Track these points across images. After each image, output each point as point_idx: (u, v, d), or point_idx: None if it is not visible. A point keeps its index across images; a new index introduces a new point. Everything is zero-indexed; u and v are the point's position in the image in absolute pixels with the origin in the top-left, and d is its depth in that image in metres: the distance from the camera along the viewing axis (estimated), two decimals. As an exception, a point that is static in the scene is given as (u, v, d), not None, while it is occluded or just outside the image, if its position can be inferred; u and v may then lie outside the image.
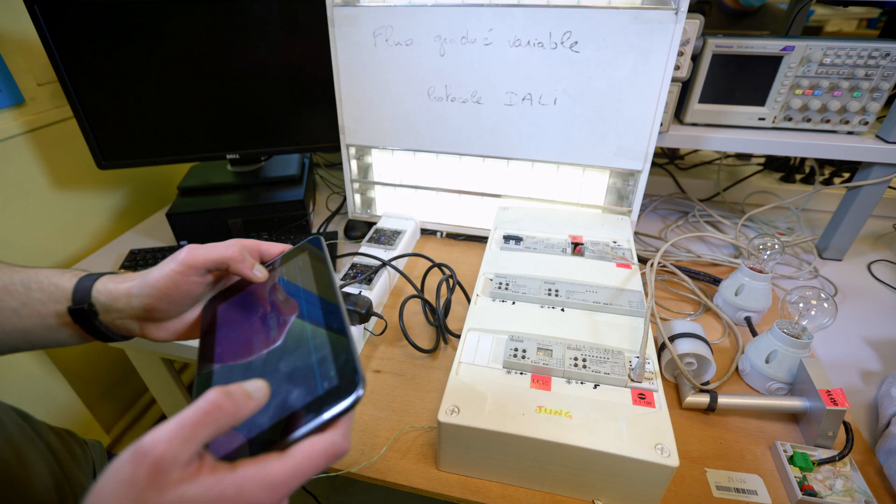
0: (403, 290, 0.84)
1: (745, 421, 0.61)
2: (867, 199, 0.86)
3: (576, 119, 0.79)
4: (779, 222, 1.05)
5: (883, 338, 0.76)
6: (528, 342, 0.56)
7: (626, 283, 0.66)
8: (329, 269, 0.40)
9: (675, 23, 0.69)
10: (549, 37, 0.75)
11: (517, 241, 0.76)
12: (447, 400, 0.50)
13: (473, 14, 0.77)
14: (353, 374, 0.29)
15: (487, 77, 0.80)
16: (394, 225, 0.95)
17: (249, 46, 0.91)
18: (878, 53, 0.76)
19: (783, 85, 0.81)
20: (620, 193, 0.85)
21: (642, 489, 0.48)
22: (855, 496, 0.51)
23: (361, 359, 0.69)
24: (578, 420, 0.48)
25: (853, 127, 0.83)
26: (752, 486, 0.54)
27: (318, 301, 0.37)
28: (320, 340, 0.33)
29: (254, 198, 1.02)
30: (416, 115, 0.87)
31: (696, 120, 0.87)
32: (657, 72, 0.73)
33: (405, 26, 0.80)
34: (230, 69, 0.93)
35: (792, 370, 0.61)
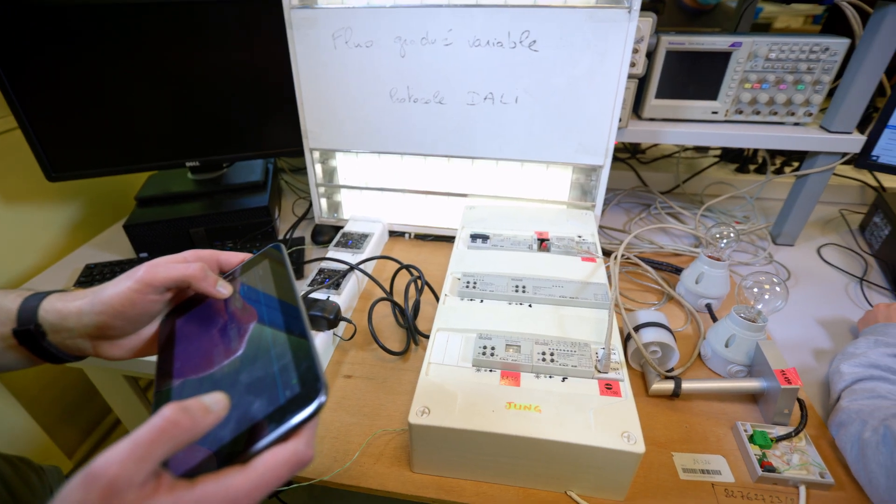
0: (373, 294, 0.83)
1: (708, 404, 0.63)
2: (814, 186, 0.91)
3: (537, 117, 0.80)
4: (735, 211, 1.09)
5: (833, 317, 0.80)
6: (496, 339, 0.57)
7: (591, 277, 0.68)
8: (290, 277, 0.39)
9: (629, 21, 0.71)
10: (507, 36, 0.76)
11: (484, 240, 0.76)
12: (417, 401, 0.50)
13: (432, 15, 0.77)
14: (315, 381, 0.29)
15: (449, 77, 0.81)
16: (361, 228, 0.94)
17: (207, 51, 0.89)
18: (819, 48, 0.80)
19: (733, 79, 0.85)
20: (584, 189, 0.87)
21: (612, 477, 0.49)
22: (810, 469, 0.54)
23: (331, 364, 0.69)
24: (547, 413, 0.49)
25: (799, 118, 0.87)
26: (716, 466, 0.56)
27: (278, 309, 0.37)
28: (282, 349, 0.33)
29: (216, 206, 0.99)
30: (379, 117, 0.86)
31: (653, 115, 0.90)
32: (614, 69, 0.74)
33: (364, 28, 0.80)
34: (188, 74, 0.90)
35: (750, 353, 0.64)
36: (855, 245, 0.98)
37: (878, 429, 0.51)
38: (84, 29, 0.82)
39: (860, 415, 0.54)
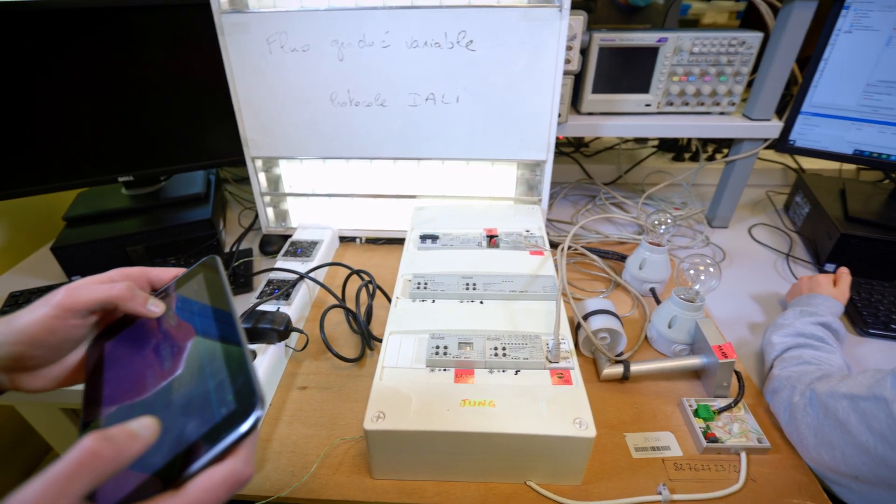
0: (326, 302, 0.82)
1: (656, 384, 0.66)
2: (742, 171, 0.97)
3: (479, 115, 0.81)
4: (674, 198, 1.14)
5: (765, 292, 0.85)
6: (449, 338, 0.57)
7: (539, 270, 0.69)
8: (225, 289, 0.38)
9: (561, 19, 0.73)
10: (445, 37, 0.77)
11: (434, 240, 0.76)
12: (372, 407, 0.50)
13: (368, 17, 0.77)
14: (251, 396, 0.28)
15: (389, 79, 0.80)
16: (310, 236, 0.92)
17: (135, 59, 0.85)
18: (737, 42, 0.86)
19: (662, 73, 0.89)
20: (529, 184, 0.89)
21: (568, 463, 0.51)
22: (749, 436, 0.57)
23: (285, 377, 0.68)
24: (502, 407, 0.50)
25: (723, 108, 0.92)
26: (665, 442, 0.58)
27: (214, 323, 0.35)
28: (218, 365, 0.32)
29: (155, 221, 0.95)
30: (321, 122, 0.85)
31: (591, 109, 0.93)
32: (549, 66, 0.76)
33: (300, 32, 0.78)
34: (115, 84, 0.86)
35: (691, 332, 0.67)
36: (781, 224, 1.05)
37: (805, 392, 0.55)
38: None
39: (790, 381, 0.58)
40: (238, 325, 0.34)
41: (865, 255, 0.85)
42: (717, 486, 0.53)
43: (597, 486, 0.53)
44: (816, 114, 0.88)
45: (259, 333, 0.64)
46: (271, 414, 0.63)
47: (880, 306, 0.77)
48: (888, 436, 0.44)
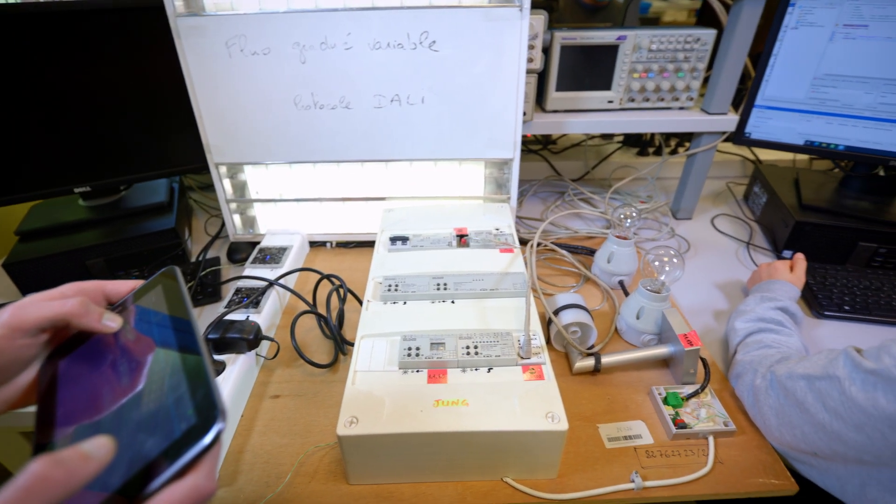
0: (297, 308, 0.80)
1: (627, 374, 0.67)
2: (702, 163, 1.00)
3: (445, 115, 0.81)
4: (640, 192, 1.17)
5: (728, 280, 0.88)
6: (421, 339, 0.57)
7: (509, 267, 0.70)
8: (185, 299, 0.37)
9: (521, 19, 0.74)
10: (407, 37, 0.76)
11: (404, 241, 0.76)
12: (345, 412, 0.50)
13: (330, 19, 0.76)
14: (212, 409, 0.27)
15: (353, 81, 0.80)
16: (279, 242, 0.90)
17: (88, 65, 0.82)
18: (692, 39, 0.88)
19: (623, 70, 0.91)
20: (498, 182, 0.89)
21: (542, 457, 0.51)
22: (716, 420, 0.59)
23: (257, 386, 0.66)
24: (475, 406, 0.50)
25: (682, 103, 0.95)
26: (637, 431, 0.59)
27: (174, 336, 0.34)
28: (177, 378, 0.31)
29: (116, 232, 0.91)
30: (285, 126, 0.84)
31: (555, 107, 0.94)
32: (512, 65, 0.77)
33: (260, 35, 0.77)
34: (68, 91, 0.82)
35: (658, 322, 0.69)
36: (741, 213, 1.09)
37: (766, 375, 0.57)
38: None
39: (752, 365, 0.61)
40: (197, 335, 0.33)
41: (819, 241, 0.89)
42: (687, 470, 0.55)
43: (572, 478, 0.54)
44: (769, 107, 0.91)
45: (228, 344, 0.63)
46: (243, 425, 0.61)
47: (834, 289, 0.81)
48: (842, 412, 0.46)
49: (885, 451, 0.44)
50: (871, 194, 0.93)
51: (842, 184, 0.97)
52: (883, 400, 0.43)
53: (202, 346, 0.32)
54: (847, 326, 0.77)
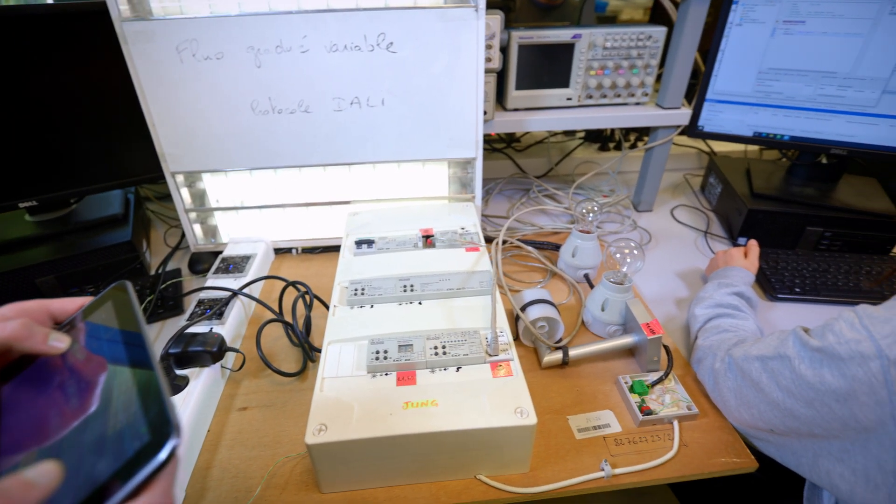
0: (263, 317, 0.79)
1: (594, 365, 0.69)
2: (660, 156, 1.03)
3: (406, 117, 0.81)
4: (602, 186, 1.20)
5: (688, 269, 0.91)
6: (388, 342, 0.57)
7: (476, 265, 0.70)
8: (137, 314, 0.36)
9: (477, 19, 0.75)
10: (364, 39, 0.76)
11: (369, 245, 0.76)
12: (313, 420, 0.49)
13: (284, 22, 0.74)
14: (165, 425, 0.27)
15: (311, 85, 0.79)
16: (242, 250, 0.88)
17: (31, 73, 0.78)
18: (644, 36, 0.91)
19: (579, 68, 0.93)
20: (462, 181, 0.90)
21: (513, 452, 0.52)
22: (680, 404, 0.61)
23: (224, 399, 0.65)
24: (444, 406, 0.50)
25: (638, 98, 0.97)
26: (605, 420, 0.61)
27: (125, 352, 0.33)
28: (130, 396, 0.30)
29: (68, 248, 0.87)
30: (243, 132, 0.82)
31: (516, 105, 0.96)
32: (470, 65, 0.78)
33: (212, 39, 0.75)
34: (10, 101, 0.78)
35: (622, 312, 0.70)
36: (698, 204, 1.13)
37: (724, 358, 0.59)
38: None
39: (711, 349, 0.63)
40: (150, 349, 0.32)
41: (770, 227, 0.93)
42: (654, 455, 0.57)
43: (544, 471, 0.55)
44: (719, 100, 0.95)
45: (191, 357, 0.61)
46: (210, 440, 0.60)
47: (785, 273, 0.85)
48: (793, 390, 0.49)
49: (833, 424, 0.46)
50: (815, 181, 0.98)
51: (789, 172, 1.02)
52: (829, 376, 0.45)
53: (155, 360, 0.31)
54: (798, 307, 0.80)
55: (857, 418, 0.44)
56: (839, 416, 0.45)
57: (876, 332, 0.42)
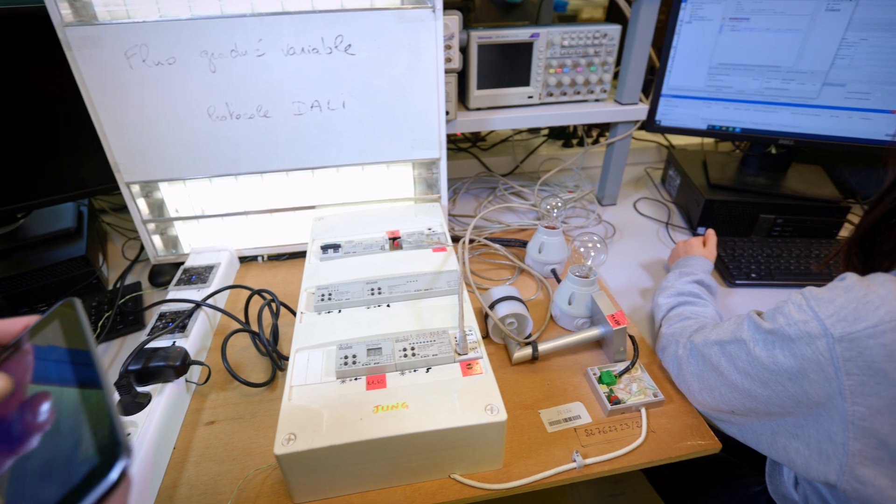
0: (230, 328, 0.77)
1: (564, 359, 0.70)
2: (621, 151, 1.05)
3: (367, 119, 0.81)
4: (567, 182, 1.22)
5: (651, 260, 0.93)
6: (357, 346, 0.56)
7: (443, 265, 0.71)
8: (86, 332, 0.34)
9: (435, 19, 0.75)
10: (322, 42, 0.75)
11: (336, 249, 0.75)
12: (282, 429, 0.48)
13: (238, 25, 0.73)
14: (114, 446, 0.26)
15: (270, 89, 0.77)
16: (205, 260, 0.86)
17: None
18: (600, 34, 0.93)
19: (539, 66, 0.94)
20: (428, 182, 0.90)
21: (486, 449, 0.52)
22: (646, 392, 0.63)
23: (190, 414, 0.63)
24: (415, 407, 0.50)
25: (597, 95, 0.99)
26: (575, 412, 0.62)
27: (73, 371, 0.32)
28: (78, 418, 0.29)
29: (16, 265, 0.83)
30: (200, 139, 0.80)
31: (478, 105, 0.96)
32: (430, 66, 0.78)
33: (162, 44, 0.73)
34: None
35: (588, 305, 0.72)
36: (659, 196, 1.16)
37: (686, 345, 0.61)
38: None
39: (674, 337, 0.65)
40: (98, 366, 0.30)
41: (727, 216, 0.96)
42: (623, 443, 0.58)
43: (517, 466, 0.56)
44: (674, 95, 0.98)
45: (152, 373, 0.59)
46: (176, 457, 0.58)
47: (742, 259, 0.88)
48: (750, 371, 0.51)
49: (788, 402, 0.48)
50: (766, 170, 1.03)
51: (742, 163, 1.06)
52: (781, 356, 0.47)
53: (104, 378, 0.30)
54: (755, 292, 0.84)
55: (808, 395, 0.46)
56: (792, 393, 0.47)
57: (821, 313, 0.44)
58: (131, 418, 0.56)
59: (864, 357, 0.41)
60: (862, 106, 0.85)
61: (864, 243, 0.51)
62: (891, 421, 0.41)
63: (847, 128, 0.87)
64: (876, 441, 0.42)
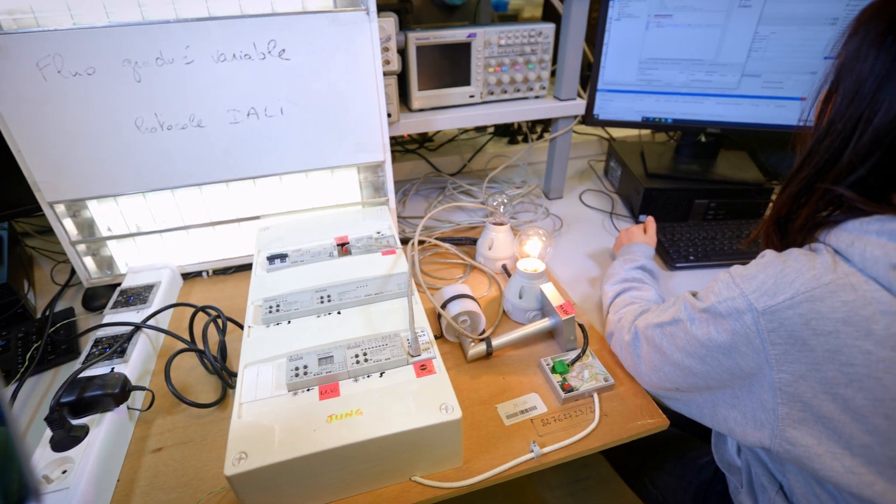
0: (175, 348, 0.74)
1: (518, 352, 0.71)
2: (563, 145, 1.08)
3: (308, 125, 0.79)
4: (515, 178, 1.24)
5: (598, 249, 0.97)
6: (308, 357, 0.55)
7: (393, 268, 0.70)
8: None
9: (369, 21, 0.74)
10: (254, 48, 0.73)
11: (282, 259, 0.73)
12: (232, 449, 0.46)
13: (162, 32, 0.70)
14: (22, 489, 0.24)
15: (201, 97, 0.74)
16: (144, 279, 0.82)
17: None
18: (535, 33, 0.95)
19: (478, 65, 0.95)
20: (374, 185, 0.89)
21: (444, 448, 0.52)
22: (598, 378, 0.65)
23: (134, 442, 0.60)
24: (369, 413, 0.50)
25: (537, 92, 1.02)
26: (531, 403, 0.63)
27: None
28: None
29: (-74, 300, 0.76)
30: (129, 153, 0.75)
31: (421, 106, 0.96)
32: (368, 68, 0.77)
33: (79, 53, 0.68)
34: None
35: (538, 298, 0.74)
36: (603, 187, 1.21)
37: (631, 329, 0.63)
38: None
39: (621, 322, 0.67)
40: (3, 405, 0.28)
41: (665, 203, 1.01)
42: (578, 429, 0.60)
43: (477, 462, 0.56)
44: (609, 90, 1.02)
45: (88, 403, 0.56)
46: (121, 490, 0.55)
47: (681, 243, 0.93)
48: (688, 349, 0.53)
49: (724, 375, 0.51)
50: (698, 158, 1.09)
51: (676, 152, 1.12)
52: (714, 332, 0.50)
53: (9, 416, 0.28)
54: (694, 273, 0.88)
55: (740, 367, 0.49)
56: (727, 367, 0.50)
57: (745, 289, 0.47)
58: (67, 454, 0.52)
59: (785, 327, 0.44)
60: (776, 94, 0.91)
61: (780, 222, 0.55)
62: (812, 385, 0.44)
63: (765, 115, 0.94)
64: (800, 404, 0.46)
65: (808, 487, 0.52)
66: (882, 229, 0.42)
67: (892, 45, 0.42)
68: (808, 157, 0.50)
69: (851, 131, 0.45)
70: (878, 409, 0.42)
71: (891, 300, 0.41)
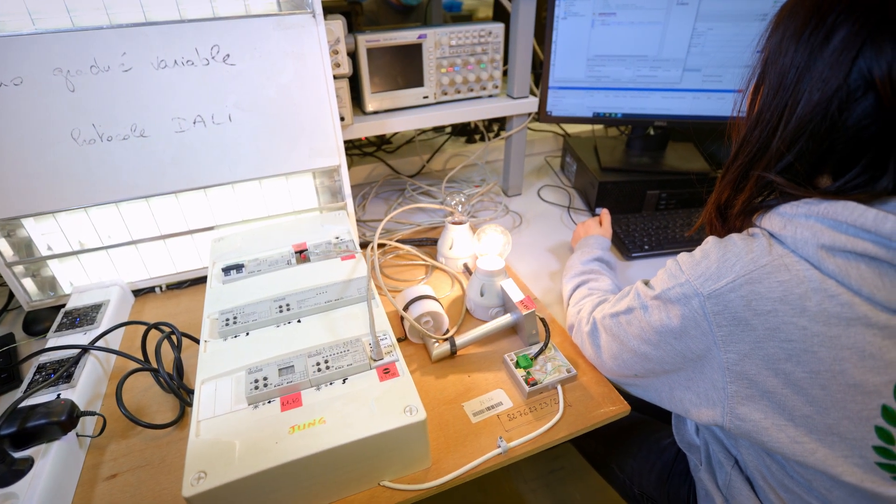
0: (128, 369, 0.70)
1: (482, 349, 0.72)
2: (519, 143, 1.10)
3: (259, 131, 0.77)
4: (474, 177, 1.25)
5: (558, 244, 0.99)
6: (268, 368, 0.54)
7: (353, 273, 0.70)
8: None
9: (316, 24, 0.73)
10: (196, 53, 0.71)
11: (238, 270, 0.71)
12: (190, 469, 0.45)
13: (95, 38, 0.66)
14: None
15: (143, 106, 0.71)
16: (91, 299, 0.78)
17: None
18: (485, 32, 0.96)
19: (430, 66, 0.96)
20: (331, 190, 0.88)
21: (411, 450, 0.52)
22: (561, 370, 0.66)
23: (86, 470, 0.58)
24: (332, 421, 0.49)
25: (490, 91, 1.03)
26: (497, 399, 0.64)
27: None
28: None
29: None
30: (67, 166, 0.72)
31: (374, 108, 0.96)
32: (318, 72, 0.76)
33: (3, 63, 0.64)
34: None
35: (499, 294, 0.74)
36: (560, 183, 1.23)
37: (590, 320, 0.65)
38: None
39: (580, 314, 0.69)
40: None
41: (619, 196, 1.04)
42: (544, 421, 0.61)
43: (446, 461, 0.56)
44: (560, 87, 1.04)
45: (32, 434, 0.53)
46: (72, 522, 0.52)
47: (636, 234, 0.96)
48: (643, 336, 0.55)
49: (677, 359, 0.53)
50: (648, 151, 1.13)
51: (627, 145, 1.15)
52: (665, 318, 0.52)
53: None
54: (649, 262, 0.92)
55: (691, 350, 0.51)
56: (679, 350, 0.52)
57: (691, 275, 0.49)
58: (9, 489, 0.49)
59: (728, 309, 0.47)
60: (716, 87, 0.95)
61: (720, 209, 0.57)
62: (756, 362, 0.47)
63: (706, 107, 0.98)
64: (747, 381, 0.48)
65: (760, 459, 0.55)
66: (809, 212, 0.45)
67: (808, 39, 0.45)
68: (742, 147, 0.53)
69: (778, 121, 0.48)
70: (815, 381, 0.44)
71: (821, 278, 0.43)
